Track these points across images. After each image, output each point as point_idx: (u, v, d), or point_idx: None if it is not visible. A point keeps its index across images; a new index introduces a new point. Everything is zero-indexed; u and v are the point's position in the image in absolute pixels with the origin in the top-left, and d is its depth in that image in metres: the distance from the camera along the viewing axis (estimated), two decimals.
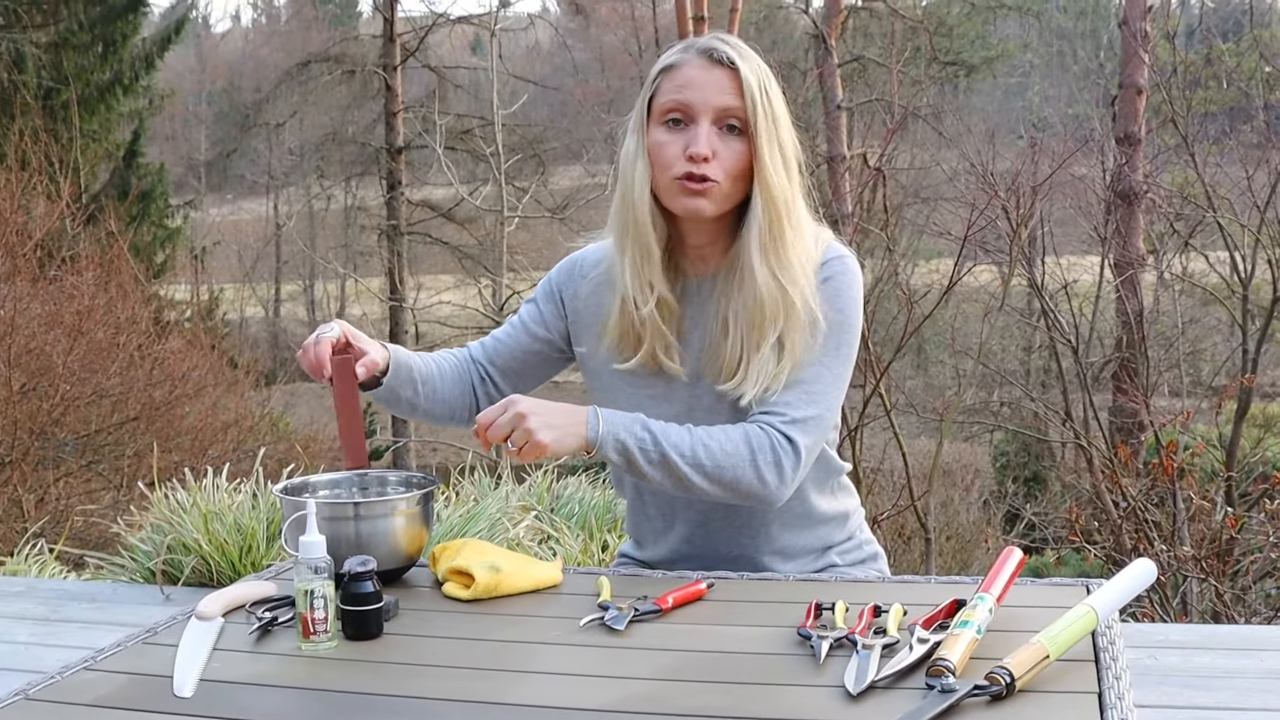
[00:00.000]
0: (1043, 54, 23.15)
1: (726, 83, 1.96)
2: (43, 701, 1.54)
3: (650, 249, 2.02)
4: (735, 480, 1.94)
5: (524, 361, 2.24)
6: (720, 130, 1.97)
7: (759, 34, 20.08)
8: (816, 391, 1.98)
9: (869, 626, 1.63)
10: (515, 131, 17.94)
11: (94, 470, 9.43)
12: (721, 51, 1.97)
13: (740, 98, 1.96)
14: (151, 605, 3.81)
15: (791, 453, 1.95)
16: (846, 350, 2.02)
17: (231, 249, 25.96)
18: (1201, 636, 3.31)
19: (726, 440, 1.95)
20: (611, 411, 1.96)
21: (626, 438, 1.93)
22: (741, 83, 1.95)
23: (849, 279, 2.03)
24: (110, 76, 17.39)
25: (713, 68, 1.97)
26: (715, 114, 1.96)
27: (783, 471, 1.95)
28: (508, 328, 2.26)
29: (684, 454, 1.93)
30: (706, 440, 1.94)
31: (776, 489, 1.96)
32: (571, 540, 4.42)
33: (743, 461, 1.93)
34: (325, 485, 2.14)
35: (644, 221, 2.01)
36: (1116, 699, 1.40)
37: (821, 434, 2.01)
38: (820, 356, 1.99)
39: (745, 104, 1.95)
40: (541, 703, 1.48)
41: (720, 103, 1.96)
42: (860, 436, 8.55)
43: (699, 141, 1.95)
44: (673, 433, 1.95)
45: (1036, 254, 11.06)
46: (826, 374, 2.00)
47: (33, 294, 9.57)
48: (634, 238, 2.03)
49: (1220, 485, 7.78)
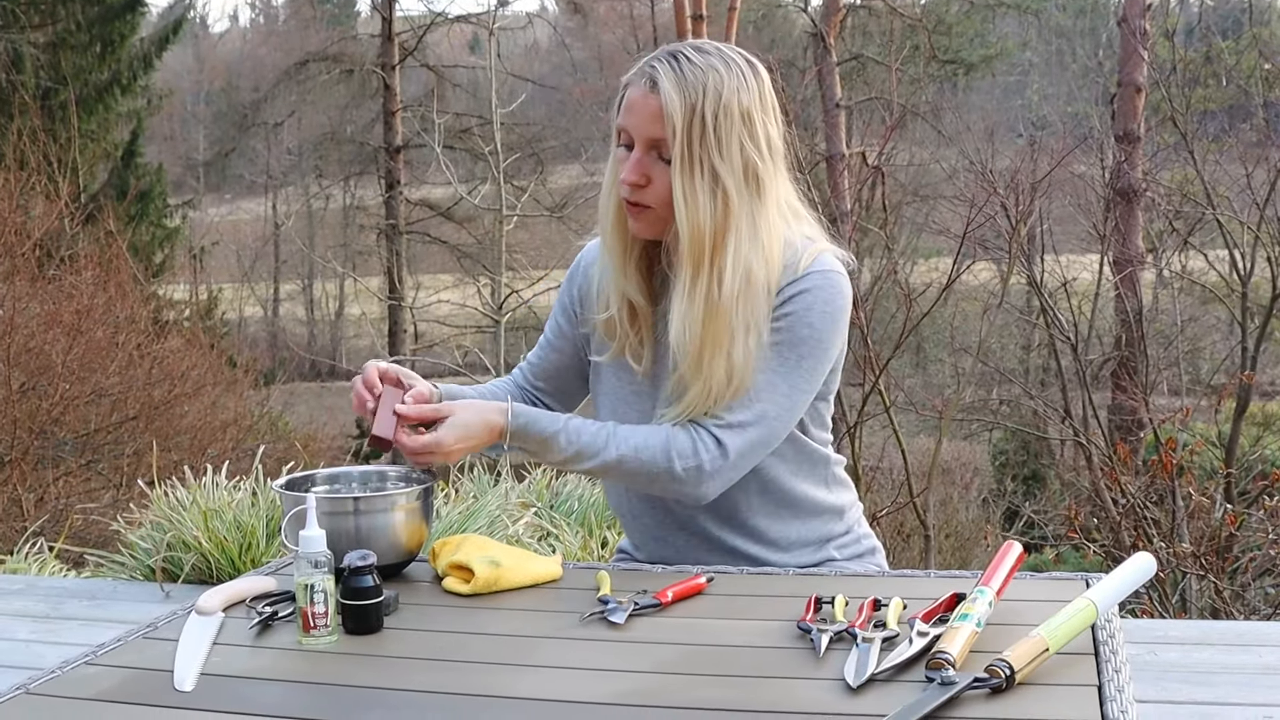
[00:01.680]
0: (1042, 52, 23.17)
1: (656, 109, 1.95)
2: (43, 696, 1.54)
3: (619, 257, 2.08)
4: (651, 476, 2.00)
5: (563, 378, 2.30)
6: (654, 157, 1.98)
7: (758, 32, 20.11)
8: (760, 398, 1.99)
9: (869, 620, 1.63)
10: (514, 130, 17.92)
11: (93, 469, 9.42)
12: (655, 74, 1.95)
13: (662, 126, 1.94)
14: (151, 603, 3.81)
15: (717, 454, 1.98)
16: (809, 364, 2.02)
17: (230, 248, 25.92)
18: (1200, 632, 3.31)
19: (646, 436, 2.01)
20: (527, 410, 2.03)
21: (545, 425, 2.01)
22: (663, 110, 1.93)
23: (826, 294, 2.01)
24: (108, 76, 17.37)
25: (649, 93, 1.96)
26: (646, 142, 1.97)
27: (702, 471, 1.98)
28: (538, 350, 2.32)
29: (599, 446, 2.00)
30: (629, 435, 2.01)
31: (697, 487, 2.00)
32: (571, 537, 4.42)
33: (658, 456, 1.99)
34: (325, 480, 2.14)
35: (608, 232, 2.08)
36: (1116, 691, 1.40)
37: (762, 440, 2.01)
38: (776, 365, 2.00)
39: (665, 134, 1.94)
40: (542, 696, 1.48)
41: (649, 131, 1.96)
42: (859, 434, 8.56)
43: (629, 168, 1.98)
44: (589, 426, 2.02)
45: (1035, 252, 11.05)
46: (779, 383, 2.00)
47: (32, 293, 9.57)
48: (606, 245, 2.10)
49: (1219, 483, 7.78)
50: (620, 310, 2.09)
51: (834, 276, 2.03)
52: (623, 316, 2.10)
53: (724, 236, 1.96)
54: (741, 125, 1.95)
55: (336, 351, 26.09)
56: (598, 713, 1.43)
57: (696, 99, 1.93)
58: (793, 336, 2.00)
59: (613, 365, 2.16)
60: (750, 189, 1.97)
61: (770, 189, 2.00)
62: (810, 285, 2.00)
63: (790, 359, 2.00)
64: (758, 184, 1.98)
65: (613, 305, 2.10)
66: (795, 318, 1.99)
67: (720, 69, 1.95)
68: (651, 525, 2.20)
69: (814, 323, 2.00)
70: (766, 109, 2.00)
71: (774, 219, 2.01)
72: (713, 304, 1.96)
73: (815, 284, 2.01)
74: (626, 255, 2.08)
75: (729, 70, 1.96)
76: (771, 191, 2.00)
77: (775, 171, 2.01)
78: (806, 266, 2.01)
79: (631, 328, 2.10)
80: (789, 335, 2.00)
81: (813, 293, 2.00)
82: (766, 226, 1.99)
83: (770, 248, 2.00)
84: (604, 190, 2.08)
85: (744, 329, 1.96)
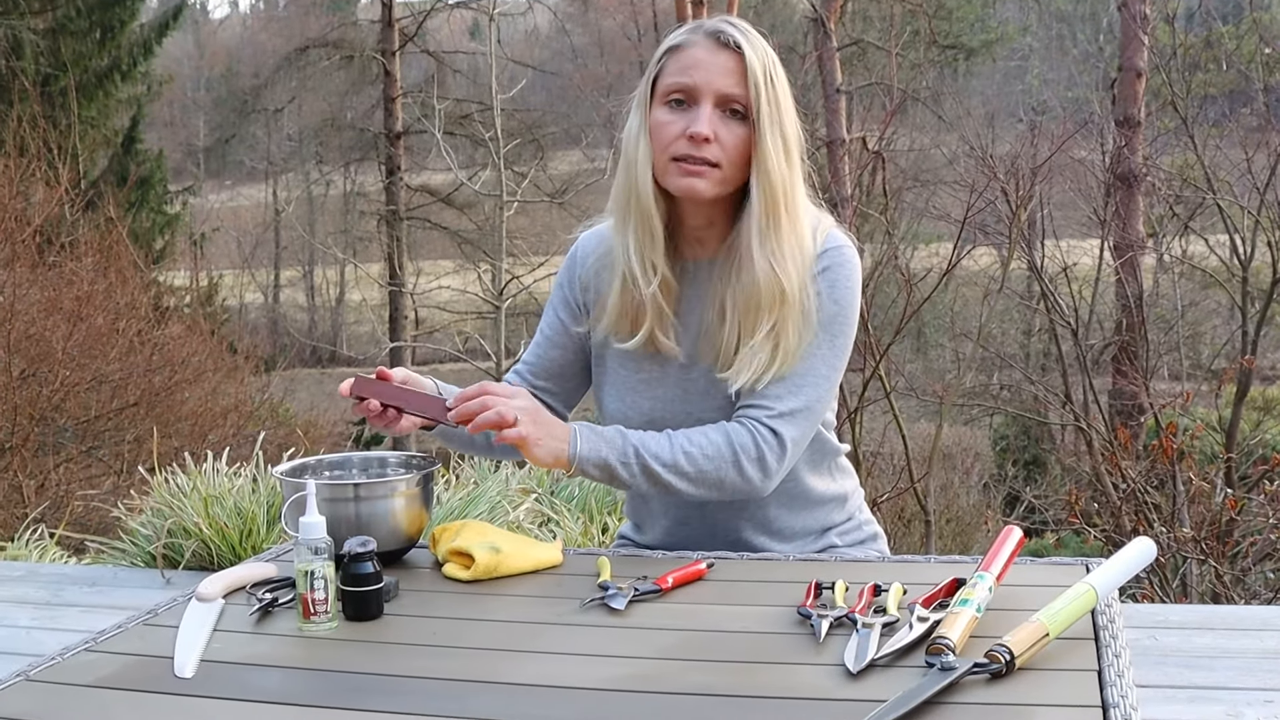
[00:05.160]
0: (1042, 37, 23.10)
1: (732, 66, 1.95)
2: (43, 682, 1.54)
3: (654, 227, 2.02)
4: (719, 481, 1.97)
5: (567, 375, 2.25)
6: (723, 114, 1.96)
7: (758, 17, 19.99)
8: (806, 384, 1.99)
9: (869, 605, 1.63)
10: (514, 116, 17.88)
11: (94, 455, 9.43)
12: (729, 35, 1.96)
13: (744, 83, 1.95)
14: (152, 589, 3.81)
15: (776, 446, 1.97)
16: (842, 342, 2.03)
17: (230, 235, 25.93)
18: (1201, 617, 3.31)
19: (708, 444, 1.97)
20: (591, 429, 1.97)
21: (608, 453, 1.95)
22: (746, 68, 1.95)
23: (848, 270, 2.02)
24: (108, 63, 17.34)
25: (719, 51, 1.96)
26: (718, 97, 1.95)
27: (766, 466, 1.97)
28: (536, 348, 2.27)
29: (666, 463, 1.96)
30: (688, 446, 1.97)
31: (761, 484, 1.99)
32: (571, 523, 4.42)
33: (725, 463, 1.96)
34: (326, 467, 2.14)
35: (646, 200, 2.01)
36: (1116, 676, 1.40)
37: (810, 425, 2.02)
38: (814, 348, 2.00)
39: (749, 90, 1.94)
40: (542, 682, 1.48)
41: (724, 86, 1.95)
42: (860, 419, 8.55)
43: (700, 122, 1.94)
44: (652, 442, 1.97)
45: (1036, 237, 11.05)
46: (820, 365, 2.00)
47: (32, 280, 9.56)
48: (637, 216, 2.03)
49: (1220, 467, 7.78)
50: (656, 290, 2.03)
51: (847, 250, 2.04)
52: (660, 295, 2.04)
53: (792, 195, 1.98)
54: (790, 93, 2.00)
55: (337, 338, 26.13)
56: (598, 698, 1.43)
57: (767, 62, 1.97)
58: (823, 317, 2.00)
59: (619, 355, 2.13)
60: (797, 157, 2.00)
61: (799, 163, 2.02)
62: (830, 262, 2.01)
63: (824, 340, 2.01)
64: (800, 152, 2.01)
65: (647, 285, 2.03)
66: (823, 297, 2.00)
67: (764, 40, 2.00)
68: (659, 513, 2.20)
69: (839, 299, 2.01)
70: None
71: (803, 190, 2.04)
72: (781, 258, 1.96)
73: (834, 260, 2.02)
74: (659, 228, 2.03)
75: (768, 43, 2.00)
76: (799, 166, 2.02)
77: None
78: (823, 243, 2.02)
79: (666, 303, 2.06)
80: (820, 316, 2.00)
81: (834, 269, 2.01)
82: (803, 198, 2.02)
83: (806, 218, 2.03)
84: (638, 158, 2.01)
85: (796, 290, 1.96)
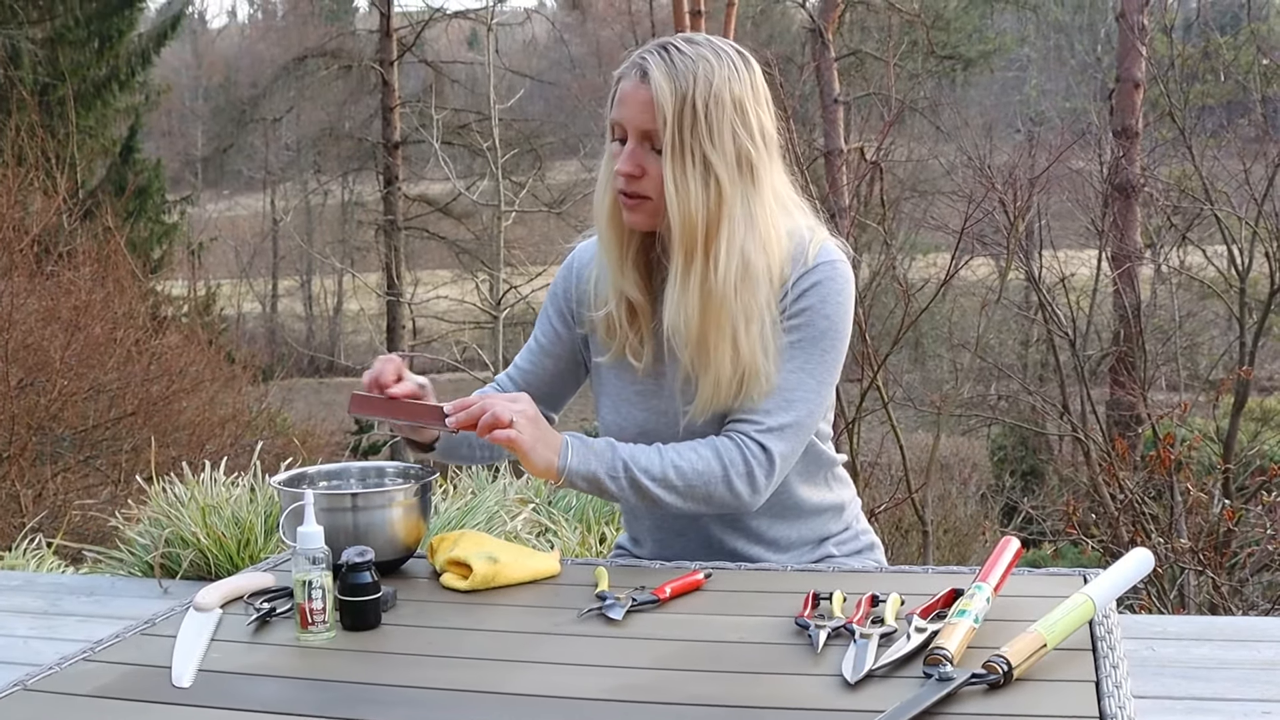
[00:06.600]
0: (1040, 48, 23.12)
1: (646, 99, 1.94)
2: (41, 692, 1.54)
3: (616, 255, 2.05)
4: (708, 496, 1.98)
5: (556, 383, 2.27)
6: (649, 148, 1.97)
7: (756, 28, 20.10)
8: (796, 399, 1.99)
9: (866, 616, 1.63)
10: (512, 126, 17.91)
11: (91, 465, 9.43)
12: (645, 65, 1.94)
13: (653, 116, 1.93)
14: (150, 598, 3.81)
15: (765, 462, 1.97)
16: (833, 357, 2.03)
17: (228, 244, 25.91)
18: (1198, 628, 3.31)
19: (698, 458, 1.97)
20: (584, 441, 1.97)
21: (597, 467, 1.95)
22: (654, 100, 1.92)
23: (839, 284, 2.02)
24: (106, 72, 17.36)
25: (640, 84, 1.95)
26: (639, 133, 1.96)
27: (755, 481, 1.97)
28: (527, 355, 2.28)
29: (655, 477, 1.96)
30: (677, 460, 1.97)
31: (749, 499, 1.99)
32: (569, 533, 4.42)
33: (714, 478, 1.96)
34: (323, 476, 2.14)
35: (605, 228, 2.06)
36: (1114, 687, 1.40)
37: (800, 440, 2.02)
38: (803, 363, 2.00)
39: (656, 124, 1.93)
40: (540, 692, 1.48)
41: (641, 122, 1.95)
42: (857, 429, 8.55)
43: (622, 160, 1.97)
44: (642, 456, 1.97)
45: (1034, 247, 11.03)
46: (808, 380, 2.00)
47: (30, 289, 9.57)
48: (603, 242, 2.08)
49: (1217, 478, 7.77)
50: (619, 308, 2.07)
51: (840, 265, 2.03)
52: (621, 314, 2.08)
53: (718, 225, 1.95)
54: (734, 113, 1.94)
55: (335, 347, 26.11)
56: (595, 708, 1.43)
57: (687, 88, 1.92)
58: (814, 331, 2.00)
59: (614, 366, 2.14)
60: (744, 177, 1.96)
61: (765, 178, 1.99)
62: (821, 276, 2.01)
63: (814, 354, 2.01)
64: (752, 172, 1.97)
65: (611, 303, 2.08)
66: (813, 311, 2.00)
67: (711, 59, 1.94)
68: (652, 527, 2.20)
69: (830, 314, 2.01)
70: (759, 99, 1.99)
71: (771, 207, 2.00)
72: (709, 291, 1.95)
73: (826, 275, 2.01)
74: (624, 251, 2.06)
75: (719, 60, 1.95)
76: (766, 180, 1.99)
77: (770, 160, 2.00)
78: (815, 257, 2.02)
79: (631, 326, 2.08)
80: (810, 331, 2.00)
81: (825, 284, 2.01)
82: (764, 215, 1.99)
83: (768, 236, 1.99)
84: (599, 187, 2.06)
85: (744, 318, 1.96)
